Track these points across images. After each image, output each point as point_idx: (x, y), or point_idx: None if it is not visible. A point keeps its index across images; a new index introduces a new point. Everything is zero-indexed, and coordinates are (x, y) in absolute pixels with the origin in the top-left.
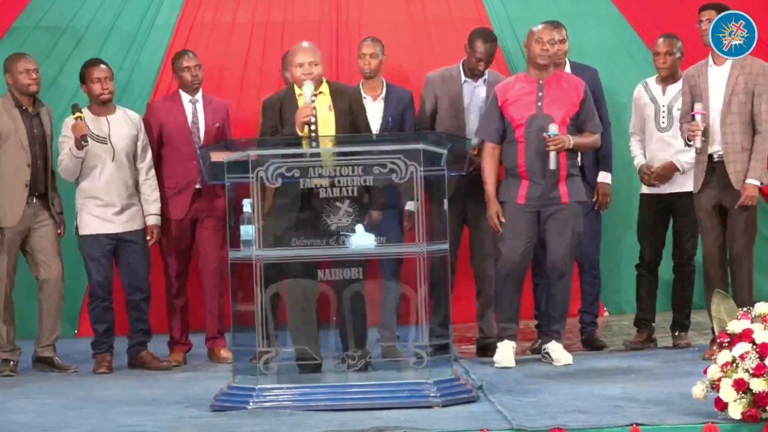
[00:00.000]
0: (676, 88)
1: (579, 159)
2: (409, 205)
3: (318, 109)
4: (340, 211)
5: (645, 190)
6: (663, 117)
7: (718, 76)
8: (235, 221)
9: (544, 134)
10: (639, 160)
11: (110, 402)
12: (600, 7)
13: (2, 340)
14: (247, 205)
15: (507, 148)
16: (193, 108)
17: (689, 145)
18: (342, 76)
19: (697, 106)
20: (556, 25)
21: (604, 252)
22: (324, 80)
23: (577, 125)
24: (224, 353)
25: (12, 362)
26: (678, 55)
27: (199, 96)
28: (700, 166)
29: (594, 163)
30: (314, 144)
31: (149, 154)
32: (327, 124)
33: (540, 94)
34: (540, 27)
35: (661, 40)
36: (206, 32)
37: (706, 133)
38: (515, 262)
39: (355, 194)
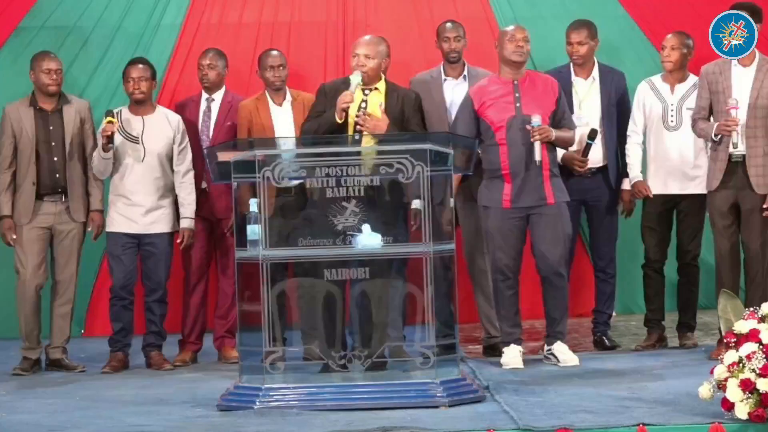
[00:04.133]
0: (685, 86)
1: (602, 161)
2: (416, 204)
3: (369, 104)
4: (347, 211)
5: (651, 190)
6: (672, 115)
7: (743, 77)
8: (241, 221)
9: (528, 126)
10: (635, 174)
11: (117, 402)
12: (606, 7)
13: (23, 338)
14: (253, 205)
15: (487, 150)
16: (207, 107)
17: (715, 141)
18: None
19: (732, 101)
20: (579, 24)
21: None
22: (383, 78)
23: (554, 124)
24: (232, 353)
25: (30, 360)
26: (685, 51)
27: (217, 95)
28: (718, 165)
29: (617, 169)
30: (356, 139)
31: (188, 157)
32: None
33: (517, 94)
34: (512, 27)
35: (669, 35)
36: (213, 32)
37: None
38: (508, 267)
39: (362, 194)
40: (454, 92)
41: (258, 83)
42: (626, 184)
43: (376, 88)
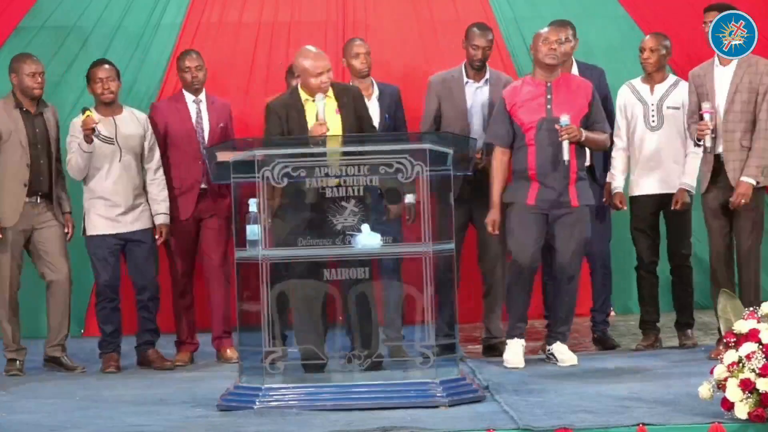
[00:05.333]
0: (664, 86)
1: (589, 160)
2: (408, 198)
3: (326, 113)
4: (346, 211)
5: (636, 192)
6: (653, 116)
7: (723, 76)
8: (241, 221)
9: (556, 125)
10: (617, 184)
11: (117, 402)
12: (606, 7)
13: (7, 339)
14: (253, 205)
15: (517, 151)
16: (197, 108)
17: (698, 145)
18: (348, 76)
19: (705, 105)
20: (562, 24)
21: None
22: None
23: (586, 127)
24: (230, 353)
25: (18, 362)
26: (663, 52)
27: (202, 96)
28: (707, 166)
29: (603, 165)
30: (320, 143)
31: (157, 153)
32: (335, 126)
33: (549, 96)
34: (547, 29)
35: (647, 37)
36: (212, 32)
37: (714, 132)
38: (526, 262)
39: (361, 194)
40: (476, 95)
41: (258, 83)
42: (610, 178)
43: (327, 96)
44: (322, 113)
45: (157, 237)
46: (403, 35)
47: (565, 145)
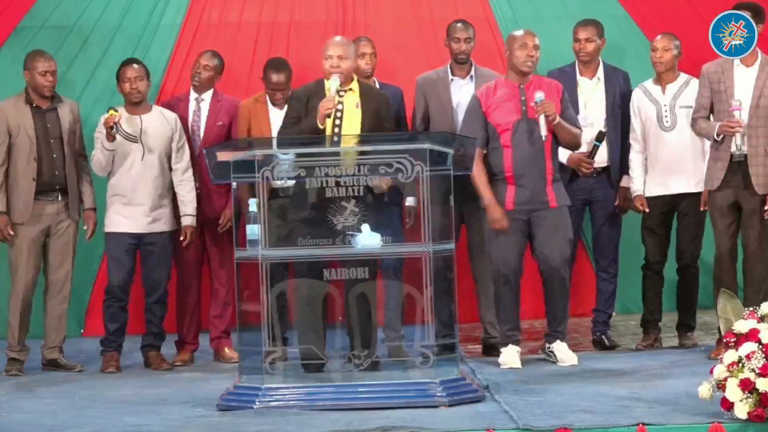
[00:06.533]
0: (676, 86)
1: (606, 162)
2: (409, 201)
3: (345, 105)
4: (347, 211)
5: (650, 192)
6: (666, 116)
7: (745, 77)
8: (241, 221)
9: (531, 103)
10: (637, 187)
11: (117, 401)
12: (606, 7)
13: (13, 339)
14: (253, 205)
15: (492, 153)
16: (197, 107)
17: (716, 141)
18: None
19: (735, 103)
20: (588, 22)
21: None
22: (355, 78)
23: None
24: (229, 353)
25: (18, 362)
26: (675, 52)
27: (206, 95)
28: (720, 164)
29: (620, 169)
30: (336, 141)
31: (186, 155)
32: (353, 121)
33: (523, 98)
34: (521, 32)
35: (659, 36)
36: (212, 32)
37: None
38: (510, 269)
39: (361, 194)
40: (461, 92)
41: (258, 83)
42: (625, 182)
43: (350, 89)
44: (333, 92)
45: (181, 239)
46: (403, 35)
47: (542, 120)
